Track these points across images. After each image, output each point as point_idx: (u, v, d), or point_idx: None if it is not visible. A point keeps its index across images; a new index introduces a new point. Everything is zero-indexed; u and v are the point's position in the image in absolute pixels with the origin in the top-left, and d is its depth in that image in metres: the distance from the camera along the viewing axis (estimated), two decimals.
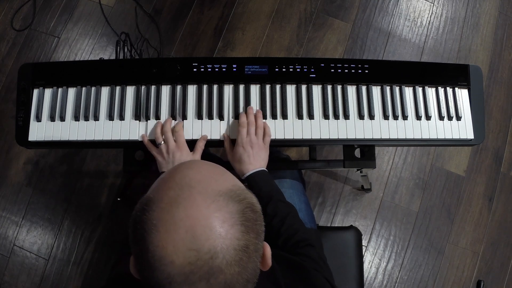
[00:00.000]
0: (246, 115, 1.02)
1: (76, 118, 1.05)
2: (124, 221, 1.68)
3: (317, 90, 1.07)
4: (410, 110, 1.07)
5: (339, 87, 1.08)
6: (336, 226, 1.71)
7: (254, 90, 1.07)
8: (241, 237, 0.51)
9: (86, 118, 1.05)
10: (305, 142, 1.06)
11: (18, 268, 1.65)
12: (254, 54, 1.85)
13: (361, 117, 1.06)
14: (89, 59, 1.84)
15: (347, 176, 1.75)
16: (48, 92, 1.07)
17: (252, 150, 0.98)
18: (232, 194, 0.54)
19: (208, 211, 0.51)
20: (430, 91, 1.09)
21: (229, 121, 1.05)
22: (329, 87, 1.08)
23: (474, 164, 1.79)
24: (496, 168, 1.79)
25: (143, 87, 1.07)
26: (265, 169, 0.99)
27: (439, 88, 1.09)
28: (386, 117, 1.07)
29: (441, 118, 1.07)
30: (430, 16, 1.94)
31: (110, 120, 1.05)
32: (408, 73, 1.10)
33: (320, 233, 1.17)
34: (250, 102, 1.06)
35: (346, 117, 1.06)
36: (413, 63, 1.28)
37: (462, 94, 1.10)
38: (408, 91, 1.09)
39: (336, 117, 1.05)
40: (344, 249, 1.23)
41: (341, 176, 1.75)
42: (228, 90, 1.07)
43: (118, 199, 1.58)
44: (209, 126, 1.04)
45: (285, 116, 1.05)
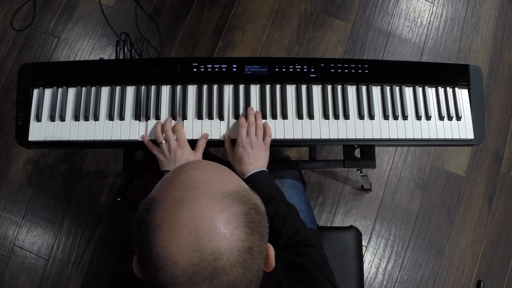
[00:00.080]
0: (246, 116, 1.02)
1: (76, 118, 1.05)
2: (124, 221, 1.69)
3: (317, 90, 1.07)
4: (410, 110, 1.07)
5: (339, 87, 1.08)
6: (336, 226, 1.71)
7: (254, 90, 1.07)
8: (245, 238, 0.51)
9: (86, 118, 1.05)
10: (305, 142, 1.06)
11: (18, 268, 1.65)
12: (254, 54, 1.85)
13: (361, 117, 1.06)
14: (89, 59, 1.84)
15: (347, 176, 1.75)
16: (48, 92, 1.07)
17: (252, 150, 0.99)
18: (236, 195, 0.53)
19: (212, 212, 0.51)
20: (430, 91, 1.09)
21: (229, 121, 1.05)
22: (329, 87, 1.08)
23: (474, 164, 1.79)
24: (496, 168, 1.79)
25: (143, 87, 1.07)
26: (265, 169, 0.99)
27: (439, 88, 1.09)
28: (386, 117, 1.07)
29: (441, 118, 1.07)
30: (430, 16, 1.94)
31: (110, 120, 1.05)
32: (408, 73, 1.10)
33: (320, 233, 1.17)
34: (250, 102, 1.06)
35: (346, 117, 1.06)
36: (413, 63, 1.28)
37: (462, 94, 1.10)
38: (408, 91, 1.09)
39: (336, 117, 1.05)
40: (344, 249, 1.23)
41: (341, 176, 1.75)
42: (228, 90, 1.07)
43: (118, 199, 1.58)
44: (209, 126, 1.04)
45: (285, 116, 1.05)
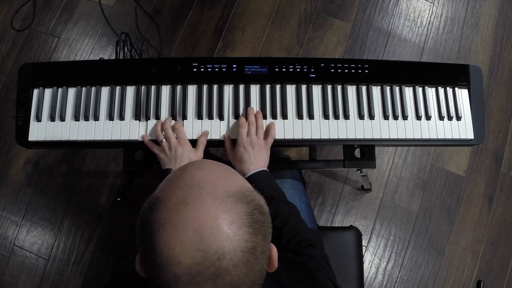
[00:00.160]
0: (246, 116, 1.02)
1: (76, 118, 1.05)
2: (124, 221, 1.69)
3: (317, 90, 1.07)
4: (410, 110, 1.07)
5: (339, 87, 1.08)
6: (336, 226, 1.71)
7: (254, 90, 1.07)
8: (248, 238, 0.51)
9: (86, 118, 1.05)
10: (305, 142, 1.06)
11: (18, 268, 1.65)
12: (254, 54, 1.85)
13: (361, 117, 1.06)
14: (89, 59, 1.84)
15: (347, 176, 1.75)
16: (48, 92, 1.07)
17: (252, 150, 0.99)
18: (240, 195, 0.53)
19: (216, 212, 0.51)
20: (430, 91, 1.09)
21: (229, 121, 1.05)
22: (329, 87, 1.08)
23: (474, 164, 1.79)
24: (496, 168, 1.79)
25: (143, 87, 1.07)
26: (266, 169, 0.99)
27: (439, 88, 1.09)
28: (386, 117, 1.07)
29: (441, 118, 1.07)
30: (430, 16, 1.94)
31: (110, 120, 1.05)
32: (408, 73, 1.10)
33: (320, 233, 1.17)
34: (250, 102, 1.06)
35: (346, 117, 1.06)
36: (413, 63, 1.28)
37: (462, 94, 1.10)
38: (408, 91, 1.09)
39: (336, 117, 1.05)
40: (344, 249, 1.23)
41: (341, 176, 1.75)
42: (228, 90, 1.07)
43: (118, 199, 1.58)
44: (209, 126, 1.04)
45: (285, 116, 1.05)
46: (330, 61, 1.08)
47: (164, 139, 1.00)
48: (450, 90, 1.09)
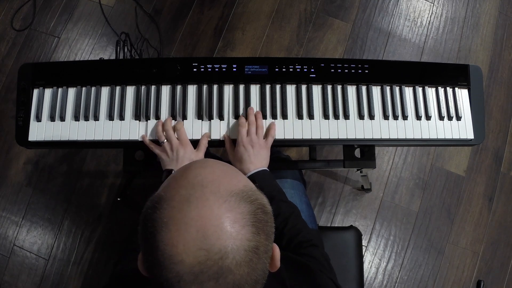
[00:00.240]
0: (246, 116, 1.02)
1: (76, 118, 1.05)
2: (124, 221, 1.69)
3: (317, 90, 1.07)
4: (410, 110, 1.07)
5: (339, 87, 1.08)
6: (336, 226, 1.71)
7: (254, 90, 1.07)
8: (251, 238, 0.51)
9: (86, 118, 1.05)
10: (305, 142, 1.06)
11: (18, 268, 1.65)
12: (254, 54, 1.85)
13: (361, 117, 1.06)
14: (89, 59, 1.84)
15: (347, 176, 1.75)
16: (48, 92, 1.07)
17: (253, 149, 0.99)
18: (244, 194, 0.54)
19: (219, 211, 0.51)
20: (430, 91, 1.09)
21: (229, 121, 1.05)
22: (329, 87, 1.08)
23: (474, 164, 1.79)
24: (496, 168, 1.79)
25: (143, 87, 1.07)
26: (266, 168, 0.99)
27: (439, 88, 1.09)
28: (386, 117, 1.06)
29: (441, 118, 1.07)
30: (430, 16, 1.94)
31: (110, 120, 1.05)
32: (408, 73, 1.10)
33: (321, 233, 1.17)
34: (250, 102, 1.06)
35: (346, 117, 1.06)
36: (413, 63, 1.28)
37: (462, 94, 1.10)
38: (408, 91, 1.09)
39: (336, 117, 1.05)
40: (344, 249, 1.23)
41: (341, 176, 1.75)
42: (228, 90, 1.07)
43: (118, 199, 1.57)
44: (209, 126, 1.04)
45: (285, 116, 1.05)
46: (330, 61, 1.08)
47: (165, 140, 1.00)
48: (450, 90, 1.09)
